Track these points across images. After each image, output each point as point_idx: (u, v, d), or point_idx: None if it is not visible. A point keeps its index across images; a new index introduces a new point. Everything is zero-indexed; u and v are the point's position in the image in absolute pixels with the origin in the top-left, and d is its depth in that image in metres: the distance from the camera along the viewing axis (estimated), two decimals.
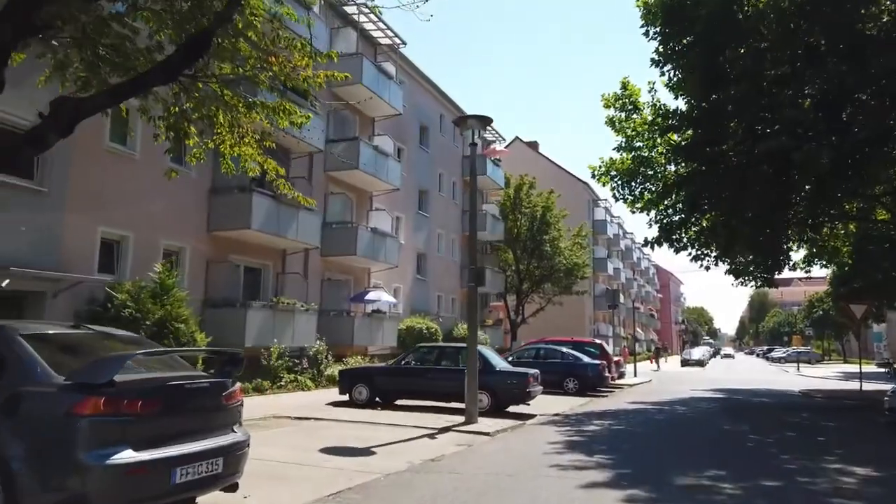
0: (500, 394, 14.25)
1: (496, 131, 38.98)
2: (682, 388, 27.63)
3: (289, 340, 19.30)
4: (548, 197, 39.36)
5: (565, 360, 22.26)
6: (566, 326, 45.39)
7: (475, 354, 12.87)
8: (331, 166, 23.78)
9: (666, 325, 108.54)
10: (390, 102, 25.85)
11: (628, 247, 73.70)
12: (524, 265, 39.13)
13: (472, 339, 12.94)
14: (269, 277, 20.84)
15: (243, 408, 5.85)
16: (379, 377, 15.21)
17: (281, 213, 19.08)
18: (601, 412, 15.99)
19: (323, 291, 23.47)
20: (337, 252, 23.31)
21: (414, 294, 30.43)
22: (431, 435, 11.05)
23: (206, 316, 17.78)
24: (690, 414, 16.42)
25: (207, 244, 18.22)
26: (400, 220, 29.46)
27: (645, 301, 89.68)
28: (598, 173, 19.72)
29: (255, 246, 19.76)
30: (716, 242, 19.46)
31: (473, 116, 13.28)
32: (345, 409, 14.15)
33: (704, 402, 19.90)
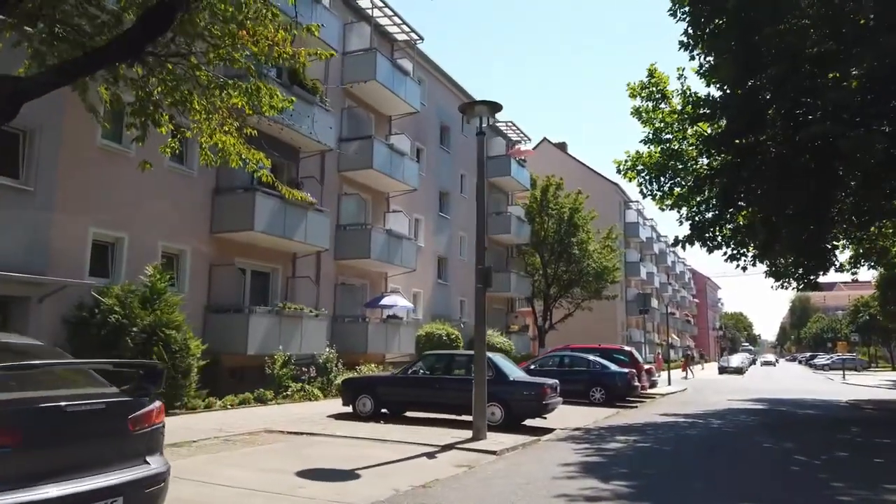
0: (513, 406, 13.04)
1: (521, 131, 37.75)
2: (718, 398, 25.98)
3: (296, 348, 18.36)
4: (576, 198, 37.95)
5: (591, 369, 20.90)
6: (597, 333, 43.83)
7: (483, 363, 11.70)
8: (344, 166, 22.87)
9: (703, 331, 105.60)
10: (406, 99, 24.85)
11: (662, 250, 71.52)
12: (552, 269, 37.76)
13: (479, 345, 11.77)
14: (278, 282, 19.94)
15: (163, 431, 4.76)
16: (383, 387, 14.12)
17: (288, 214, 18.17)
18: (627, 426, 14.65)
19: (336, 296, 22.52)
20: (350, 255, 22.35)
21: (435, 299, 29.33)
22: (431, 454, 9.90)
23: (208, 322, 16.96)
24: (727, 428, 14.96)
25: (210, 246, 17.39)
26: (419, 222, 28.41)
27: (680, 306, 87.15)
28: (624, 168, 18.39)
29: (262, 249, 18.88)
30: (753, 241, 17.97)
31: (481, 102, 12.15)
32: (346, 423, 13.08)
33: (743, 415, 18.36)
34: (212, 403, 14.59)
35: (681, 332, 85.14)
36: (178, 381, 13.35)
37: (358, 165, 22.70)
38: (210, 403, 14.54)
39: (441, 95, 30.95)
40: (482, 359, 11.68)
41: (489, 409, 13.00)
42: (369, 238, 22.20)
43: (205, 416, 13.46)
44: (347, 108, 23.45)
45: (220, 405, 14.81)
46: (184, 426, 11.72)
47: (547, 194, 37.81)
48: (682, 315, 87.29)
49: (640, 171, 18.15)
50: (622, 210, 56.56)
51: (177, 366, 13.31)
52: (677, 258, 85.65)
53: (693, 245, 17.73)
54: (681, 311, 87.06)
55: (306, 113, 19.10)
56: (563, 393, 21.00)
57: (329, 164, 22.31)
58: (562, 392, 21.05)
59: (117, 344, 12.73)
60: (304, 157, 20.83)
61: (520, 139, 38.64)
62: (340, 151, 22.81)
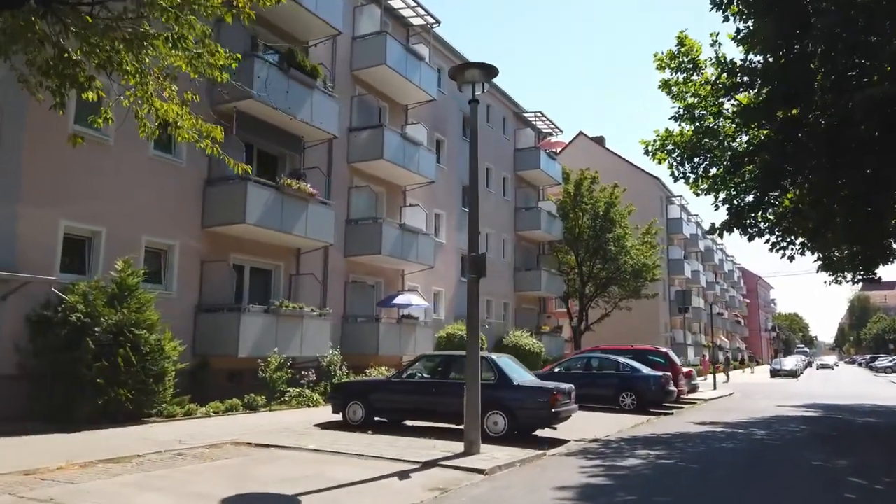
0: (518, 415, 11.41)
1: (551, 122, 35.90)
2: (767, 403, 23.74)
3: (296, 349, 17.05)
4: (612, 191, 35.94)
5: (621, 372, 19.06)
6: (638, 334, 41.57)
7: (476, 364, 10.11)
8: (354, 157, 21.55)
9: (754, 332, 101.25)
10: (422, 86, 23.39)
11: (709, 248, 68.37)
12: (587, 267, 35.80)
13: (472, 344, 10.20)
14: (280, 279, 18.68)
15: None
16: (376, 393, 12.64)
17: (286, 205, 16.89)
18: (654, 437, 12.84)
19: (347, 295, 21.17)
20: (361, 251, 20.99)
21: (459, 299, 27.72)
22: (405, 473, 8.37)
23: (199, 322, 15.78)
24: (770, 441, 12.99)
25: (202, 242, 16.21)
26: (440, 217, 26.91)
27: (730, 306, 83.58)
28: (653, 148, 16.51)
29: (261, 244, 17.66)
30: (801, 228, 15.91)
31: (473, 65, 10.62)
32: (330, 433, 11.66)
33: (791, 423, 16.29)
34: (193, 411, 13.34)
35: (730, 333, 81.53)
36: (148, 387, 12.13)
37: (368, 156, 21.34)
38: (191, 411, 13.29)
39: None
40: (475, 360, 10.10)
41: (491, 418, 11.47)
42: (380, 233, 20.79)
43: (178, 425, 12.20)
44: (358, 95, 22.11)
45: (202, 412, 13.56)
46: (143, 437, 10.48)
47: (581, 188, 35.92)
48: (732, 315, 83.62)
49: (671, 152, 16.26)
50: (664, 205, 54.01)
51: (147, 369, 12.09)
52: (725, 256, 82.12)
53: (731, 232, 15.76)
54: (730, 311, 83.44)
55: (305, 98, 17.81)
56: (589, 398, 19.35)
57: (338, 155, 21.00)
58: (588, 397, 19.37)
59: (80, 345, 11.57)
60: (310, 147, 19.55)
61: (550, 131, 36.78)
62: (350, 141, 21.52)
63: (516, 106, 34.41)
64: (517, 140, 34.44)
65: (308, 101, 17.95)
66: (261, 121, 17.45)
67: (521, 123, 35.02)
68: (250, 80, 16.16)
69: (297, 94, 17.52)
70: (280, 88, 17.01)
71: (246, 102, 16.37)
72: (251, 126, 17.26)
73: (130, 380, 11.76)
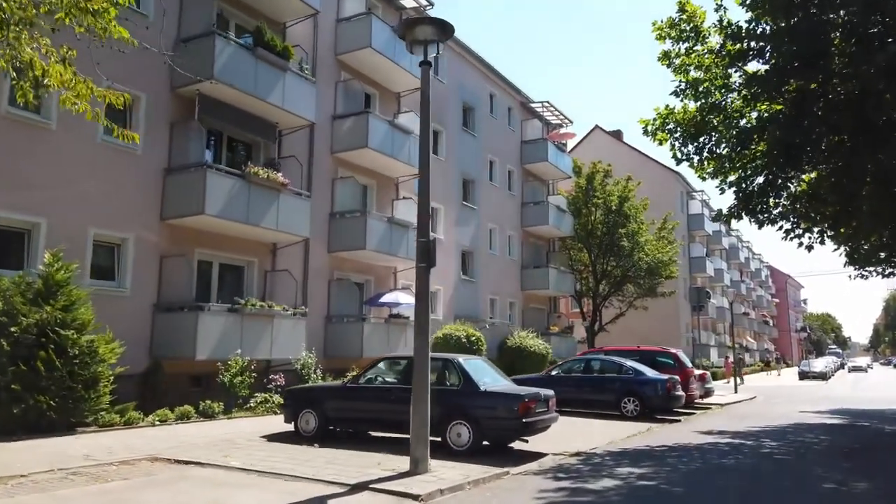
0: (484, 425, 9.94)
1: (560, 112, 34.26)
2: (789, 408, 21.92)
3: (265, 351, 15.78)
4: (625, 185, 34.20)
5: (623, 376, 17.47)
6: (656, 335, 39.82)
7: (425, 368, 8.68)
8: (339, 147, 20.23)
9: (784, 333, 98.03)
10: (412, 71, 21.93)
11: (733, 245, 65.99)
12: (601, 264, 34.07)
13: (420, 344, 8.77)
14: (254, 276, 17.42)
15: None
16: (331, 400, 11.25)
17: (252, 196, 15.61)
18: (646, 450, 11.27)
19: (331, 293, 19.85)
20: (346, 246, 19.66)
21: (459, 298, 26.32)
22: (323, 500, 6.97)
23: (157, 322, 14.56)
24: (780, 455, 11.34)
25: (161, 235, 14.98)
26: (437, 212, 25.48)
27: (757, 306, 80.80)
28: (653, 128, 14.88)
29: (230, 238, 16.42)
30: (820, 213, 14.21)
31: (424, 20, 9.18)
32: (273, 446, 10.33)
33: (810, 433, 14.56)
34: (135, 419, 12.07)
35: (758, 333, 78.84)
36: (77, 393, 10.89)
37: (352, 145, 20.01)
38: (132, 419, 12.03)
39: (463, 73, 27.96)
40: (423, 363, 8.67)
41: (454, 429, 10.06)
42: (365, 226, 19.43)
43: (109, 435, 10.94)
44: (343, 81, 20.80)
45: (147, 421, 12.30)
46: (52, 451, 9.21)
47: (593, 182, 34.24)
48: (759, 315, 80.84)
49: (672, 131, 14.64)
50: (684, 200, 51.93)
51: (76, 374, 10.86)
52: (752, 254, 79.43)
53: (740, 219, 14.11)
54: (757, 311, 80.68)
55: (275, 80, 16.54)
56: (589, 404, 17.80)
57: (320, 145, 19.72)
58: (588, 403, 17.83)
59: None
60: (287, 134, 18.28)
61: (560, 122, 35.13)
62: (334, 130, 20.23)
63: (523, 96, 32.87)
64: (524, 132, 32.90)
65: (279, 84, 16.67)
66: (230, 106, 16.21)
67: (528, 114, 33.47)
68: (211, 60, 14.97)
69: (266, 76, 16.26)
70: (246, 70, 15.77)
71: (209, 85, 15.13)
72: (219, 111, 16.03)
73: (54, 385, 10.52)
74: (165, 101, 15.29)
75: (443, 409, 10.11)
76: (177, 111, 15.47)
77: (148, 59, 14.80)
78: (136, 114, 14.62)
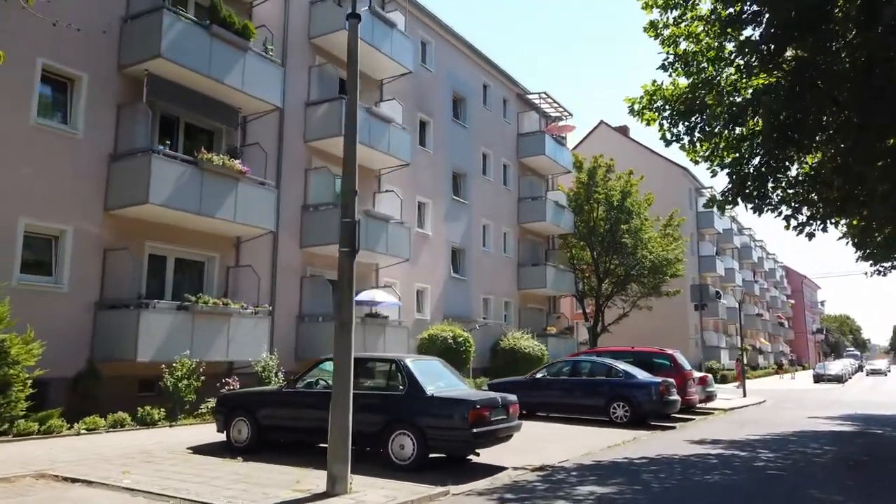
0: (429, 435, 8.64)
1: (558, 104, 32.87)
2: (797, 414, 20.43)
3: (220, 353, 14.58)
4: (627, 179, 32.75)
5: (612, 379, 16.10)
6: (663, 336, 38.24)
7: (346, 369, 7.44)
8: (312, 135, 19.04)
9: (800, 334, 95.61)
10: (393, 57, 20.79)
11: (745, 244, 64.09)
12: (604, 263, 32.60)
13: (341, 342, 7.53)
14: (214, 272, 16.25)
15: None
16: (266, 407, 10.00)
17: (206, 185, 14.43)
18: (624, 464, 9.93)
19: (304, 291, 18.65)
20: (318, 241, 18.44)
21: (448, 297, 25.03)
22: None
23: (99, 321, 13.41)
24: (775, 469, 9.93)
25: (105, 227, 13.83)
26: (425, 206, 24.23)
27: (772, 307, 78.70)
28: (639, 107, 13.52)
29: (187, 231, 15.27)
30: (825, 198, 12.78)
31: None
32: (196, 459, 9.12)
33: (815, 442, 13.11)
34: (57, 428, 10.91)
35: (773, 335, 76.74)
36: None
37: (326, 133, 18.79)
38: (54, 428, 10.86)
39: (453, 61, 26.70)
40: (345, 366, 7.43)
41: (397, 441, 8.80)
42: (338, 219, 18.17)
43: (14, 446, 9.77)
44: (318, 65, 19.61)
45: (73, 430, 11.13)
46: None
47: (595, 177, 32.81)
48: (774, 317, 78.75)
49: (661, 109, 13.27)
50: (693, 197, 50.26)
51: None
52: (766, 254, 77.34)
53: (735, 204, 12.70)
54: (772, 312, 78.60)
55: (234, 61, 15.37)
56: (575, 409, 16.46)
57: (292, 133, 18.55)
58: (574, 408, 16.49)
59: None
60: (253, 121, 17.12)
61: (559, 114, 33.76)
62: (307, 117, 19.05)
63: (519, 87, 31.54)
64: (520, 124, 31.56)
65: (238, 65, 15.50)
66: (186, 89, 15.06)
67: (524, 106, 32.14)
68: (158, 37, 13.83)
69: (222, 55, 15.09)
70: (199, 48, 14.61)
71: (158, 64, 14.02)
72: (174, 95, 14.88)
73: None
74: (111, 81, 14.15)
75: (384, 418, 8.87)
76: (125, 93, 14.33)
77: (93, 38, 13.84)
78: (76, 95, 13.51)
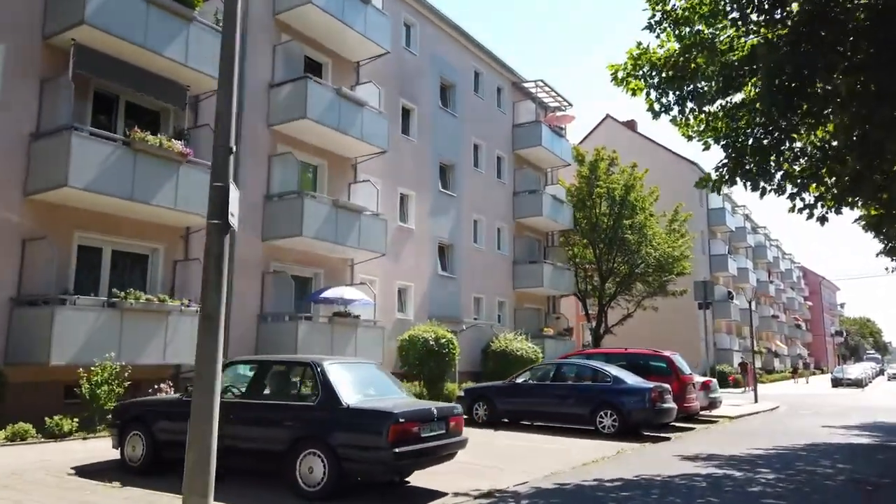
0: (341, 455, 7.01)
1: (556, 93, 31.15)
2: (810, 423, 18.60)
3: (156, 355, 13.06)
4: (630, 172, 30.97)
5: (599, 384, 14.41)
6: (671, 338, 36.44)
7: (210, 376, 5.84)
8: (276, 118, 17.54)
9: (818, 337, 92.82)
10: (367, 35, 19.25)
11: (760, 243, 61.83)
12: (607, 261, 30.81)
13: (206, 344, 5.95)
14: (159, 267, 14.77)
15: None
16: (159, 419, 8.41)
17: (140, 167, 12.94)
18: (590, 488, 8.24)
19: (265, 288, 17.12)
20: (280, 233, 16.93)
21: (435, 295, 23.41)
22: None
23: (14, 319, 11.96)
24: (774, 495, 8.14)
25: (25, 214, 12.39)
26: (408, 198, 22.67)
27: (788, 309, 76.23)
28: (623, 74, 11.83)
29: (125, 219, 13.83)
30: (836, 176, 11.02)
31: None
32: (72, 482, 7.61)
33: (825, 459, 11.32)
34: None
35: (789, 338, 74.30)
36: None
37: (290, 116, 17.28)
38: None
39: (441, 45, 25.10)
40: (210, 372, 5.83)
41: (306, 462, 7.20)
42: (301, 209, 16.67)
43: None
44: (282, 43, 18.09)
45: None
46: None
47: (597, 170, 31.05)
48: (791, 318, 76.27)
49: (648, 76, 11.56)
50: (704, 194, 48.11)
51: None
52: (782, 254, 74.92)
53: (733, 183, 10.96)
54: (789, 314, 76.13)
55: (176, 32, 13.89)
56: (558, 417, 14.75)
57: (254, 116, 17.06)
58: (557, 416, 14.77)
59: None
60: (206, 100, 15.64)
61: (557, 104, 32.05)
62: (270, 99, 17.56)
63: (515, 76, 29.86)
64: (516, 115, 29.90)
65: (181, 37, 14.01)
66: (122, 62, 13.55)
67: (521, 96, 30.47)
68: (83, 1, 12.37)
69: (161, 25, 13.61)
70: (133, 16, 13.14)
71: (87, 32, 12.58)
72: (109, 69, 13.39)
73: None
74: (33, 53, 12.72)
75: (291, 434, 7.28)
76: (51, 66, 12.88)
77: (11, 3, 12.45)
78: None
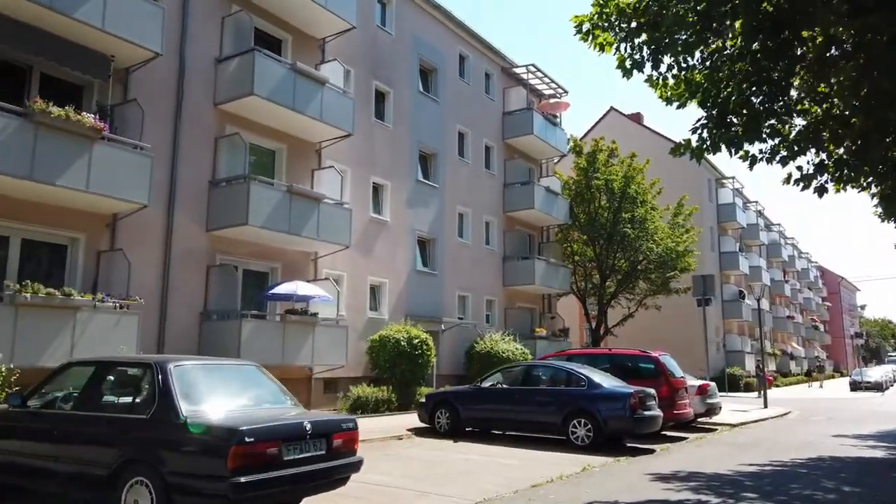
0: (173, 486, 5.33)
1: (550, 79, 29.33)
2: (821, 430, 16.68)
3: (60, 357, 11.39)
4: (630, 163, 29.16)
5: (572, 388, 12.62)
6: (677, 339, 34.46)
7: None
8: (223, 96, 15.97)
9: (837, 339, 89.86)
10: (328, 7, 17.62)
11: (774, 241, 59.46)
12: (610, 258, 28.97)
13: None
14: (79, 258, 13.20)
15: None
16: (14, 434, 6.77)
17: (41, 143, 11.36)
18: None
19: (210, 283, 15.52)
20: (227, 222, 15.33)
21: (413, 293, 21.72)
22: None
23: None
24: None
25: None
26: (383, 188, 21.01)
27: (805, 309, 73.59)
28: (589, 26, 10.08)
29: (37, 205, 12.29)
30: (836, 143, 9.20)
31: None
32: None
33: (832, 479, 9.47)
34: None
35: (806, 339, 71.71)
36: None
37: (236, 93, 15.70)
38: None
39: (421, 25, 23.46)
40: None
41: (132, 493, 5.58)
42: (247, 196, 15.06)
43: None
44: (231, 14, 16.51)
45: None
46: None
47: (596, 163, 29.26)
48: (808, 319, 73.64)
49: (616, 26, 9.80)
50: (713, 188, 46.13)
51: None
52: (798, 253, 72.35)
53: (716, 149, 9.14)
54: (806, 314, 73.51)
55: None
56: (527, 426, 12.94)
57: (196, 93, 15.50)
58: (525, 425, 12.94)
59: None
60: (136, 72, 14.08)
61: (552, 91, 30.27)
62: (217, 76, 16.00)
63: (506, 61, 28.12)
64: (507, 103, 28.16)
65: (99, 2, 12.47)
66: (30, 26, 12.04)
67: (512, 82, 28.71)
68: None
69: None
70: None
71: None
72: (14, 34, 11.89)
73: None
74: None
75: (118, 455, 5.60)
76: None
77: None
78: None
